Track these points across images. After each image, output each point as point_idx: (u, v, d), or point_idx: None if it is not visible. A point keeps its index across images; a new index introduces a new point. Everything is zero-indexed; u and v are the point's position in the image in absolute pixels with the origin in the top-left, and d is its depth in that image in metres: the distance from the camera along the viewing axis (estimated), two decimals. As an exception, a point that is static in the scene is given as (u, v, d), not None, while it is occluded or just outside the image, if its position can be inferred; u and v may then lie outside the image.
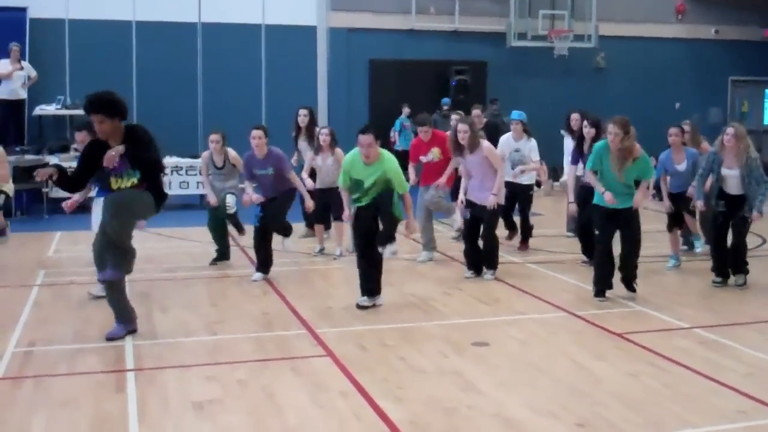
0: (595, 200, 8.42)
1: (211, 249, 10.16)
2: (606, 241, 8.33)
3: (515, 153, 10.68)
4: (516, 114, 10.80)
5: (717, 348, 6.81)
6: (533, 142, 10.79)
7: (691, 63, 21.38)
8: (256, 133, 9.11)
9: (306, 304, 8.14)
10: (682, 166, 9.73)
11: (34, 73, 15.99)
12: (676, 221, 10.01)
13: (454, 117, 11.56)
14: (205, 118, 18.19)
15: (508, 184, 9.88)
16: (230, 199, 9.84)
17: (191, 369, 6.25)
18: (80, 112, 16.79)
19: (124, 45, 17.82)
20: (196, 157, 15.17)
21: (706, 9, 21.48)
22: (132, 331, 7.02)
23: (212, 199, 9.86)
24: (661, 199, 10.09)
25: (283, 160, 9.25)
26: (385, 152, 7.97)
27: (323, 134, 10.43)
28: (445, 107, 18.45)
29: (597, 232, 8.48)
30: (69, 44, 17.60)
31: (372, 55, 19.55)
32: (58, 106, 16.65)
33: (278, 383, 5.94)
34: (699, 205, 9.16)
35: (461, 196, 9.46)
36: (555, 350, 6.78)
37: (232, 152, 9.92)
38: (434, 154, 10.12)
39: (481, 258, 9.37)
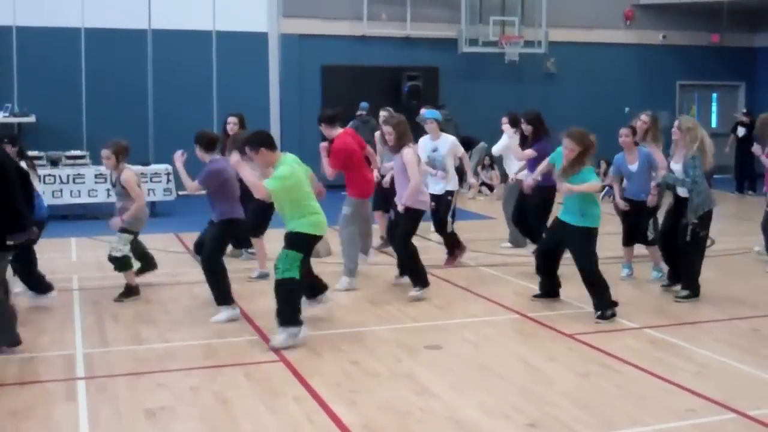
0: (560, 214, 8.14)
1: (161, 256, 10.01)
2: (545, 247, 8.35)
3: (433, 153, 10.14)
4: (429, 113, 10.63)
5: (666, 348, 6.92)
6: (452, 138, 10.39)
7: (639, 68, 21.70)
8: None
9: (258, 310, 8.10)
10: (634, 167, 9.36)
11: (-20, 81, 15.76)
12: (633, 236, 9.61)
13: (382, 114, 11.17)
14: (156, 125, 18.04)
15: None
16: (116, 239, 8.65)
17: (143, 376, 6.19)
18: (28, 119, 16.65)
19: (73, 52, 17.59)
20: (146, 164, 15.08)
21: (654, 15, 21.83)
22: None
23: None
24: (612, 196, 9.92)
25: (207, 172, 7.96)
26: (283, 159, 7.11)
27: None
28: (363, 112, 18.17)
29: (544, 236, 8.37)
30: (17, 52, 17.33)
31: (324, 61, 19.54)
32: (6, 114, 16.40)
33: (231, 389, 5.92)
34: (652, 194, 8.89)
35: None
36: (507, 352, 6.85)
37: (126, 173, 8.55)
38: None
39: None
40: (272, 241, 9.22)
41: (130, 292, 8.63)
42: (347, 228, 9.16)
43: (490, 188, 18.44)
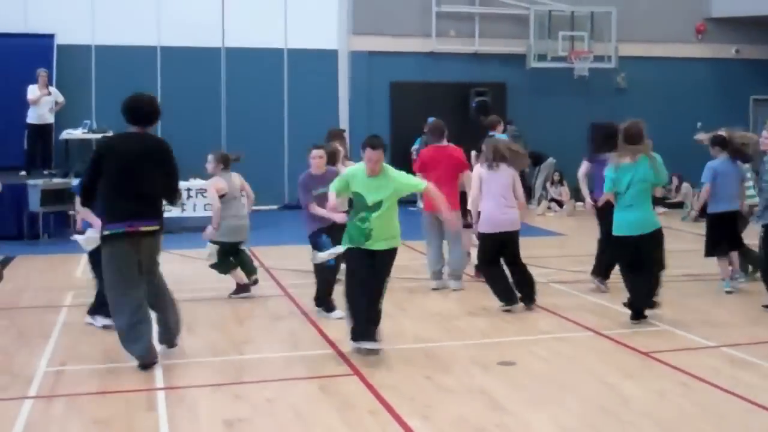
0: (617, 231, 8.15)
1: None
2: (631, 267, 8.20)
3: None
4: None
5: (746, 367, 6.78)
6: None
7: (712, 82, 21.36)
8: (316, 152, 8.66)
9: (331, 324, 8.17)
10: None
11: (61, 98, 16.21)
12: (724, 245, 9.57)
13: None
14: (229, 142, 18.33)
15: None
16: (208, 249, 9.34)
17: (220, 388, 6.30)
18: (107, 136, 17.07)
19: (149, 70, 18.08)
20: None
21: (726, 28, 21.48)
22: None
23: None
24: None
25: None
26: (388, 166, 7.26)
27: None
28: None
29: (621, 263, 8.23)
30: (95, 70, 17.89)
31: (393, 77, 19.68)
32: (85, 131, 16.88)
33: (307, 402, 5.99)
34: None
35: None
36: (582, 369, 6.78)
37: (234, 176, 9.45)
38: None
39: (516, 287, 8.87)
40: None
41: (240, 289, 9.40)
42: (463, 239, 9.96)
43: (560, 204, 18.31)
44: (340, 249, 7.42)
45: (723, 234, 9.53)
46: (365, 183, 7.14)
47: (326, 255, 7.84)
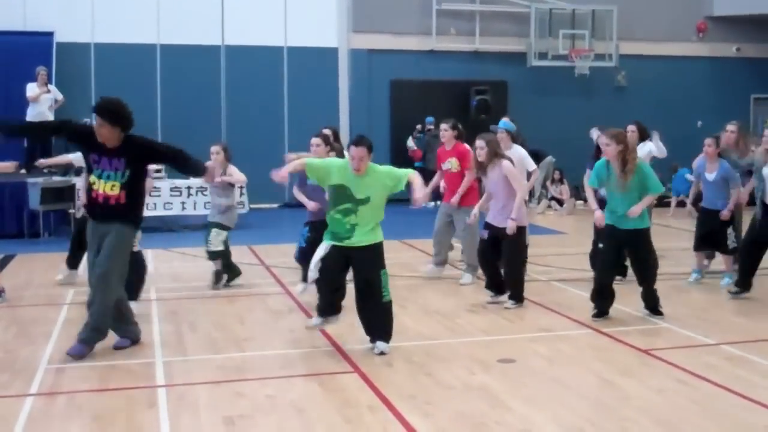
0: (606, 220, 8.25)
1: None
2: (609, 258, 8.31)
3: None
4: (502, 123, 10.53)
5: (744, 364, 6.79)
6: (522, 151, 10.14)
7: (712, 81, 21.40)
8: (315, 140, 8.86)
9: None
10: (711, 176, 9.60)
11: (60, 96, 16.23)
12: (705, 242, 9.81)
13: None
14: (229, 140, 18.29)
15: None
16: (213, 235, 9.55)
17: (221, 385, 6.31)
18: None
19: (148, 68, 18.13)
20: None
21: (727, 27, 21.51)
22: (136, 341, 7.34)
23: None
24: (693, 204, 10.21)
25: None
26: (374, 165, 7.13)
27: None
28: (432, 126, 18.48)
29: (600, 246, 8.33)
30: (95, 67, 17.92)
31: (393, 75, 19.71)
32: (85, 128, 16.87)
33: (307, 399, 6.01)
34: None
35: (475, 210, 9.24)
36: (581, 367, 6.80)
37: (231, 167, 9.72)
38: (452, 164, 10.08)
39: (504, 284, 9.00)
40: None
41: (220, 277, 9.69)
42: (473, 232, 9.85)
43: (560, 203, 18.34)
44: (320, 253, 7.13)
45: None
46: (353, 180, 7.04)
47: (312, 271, 7.21)
